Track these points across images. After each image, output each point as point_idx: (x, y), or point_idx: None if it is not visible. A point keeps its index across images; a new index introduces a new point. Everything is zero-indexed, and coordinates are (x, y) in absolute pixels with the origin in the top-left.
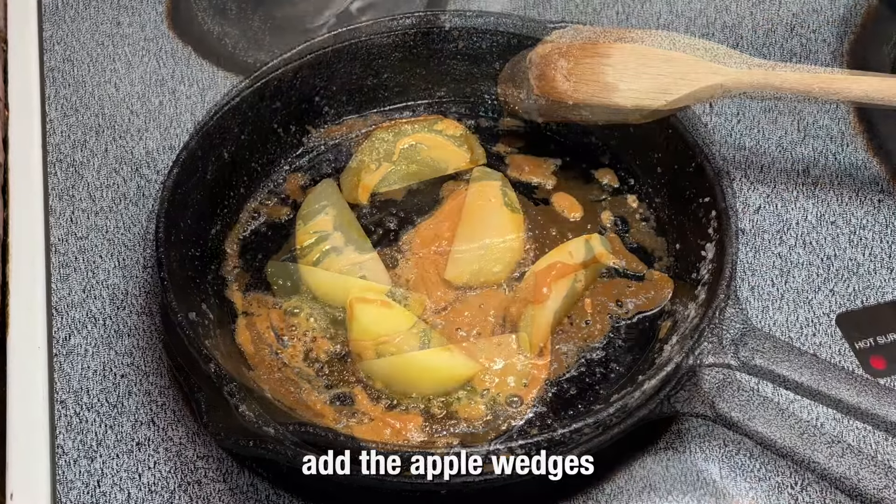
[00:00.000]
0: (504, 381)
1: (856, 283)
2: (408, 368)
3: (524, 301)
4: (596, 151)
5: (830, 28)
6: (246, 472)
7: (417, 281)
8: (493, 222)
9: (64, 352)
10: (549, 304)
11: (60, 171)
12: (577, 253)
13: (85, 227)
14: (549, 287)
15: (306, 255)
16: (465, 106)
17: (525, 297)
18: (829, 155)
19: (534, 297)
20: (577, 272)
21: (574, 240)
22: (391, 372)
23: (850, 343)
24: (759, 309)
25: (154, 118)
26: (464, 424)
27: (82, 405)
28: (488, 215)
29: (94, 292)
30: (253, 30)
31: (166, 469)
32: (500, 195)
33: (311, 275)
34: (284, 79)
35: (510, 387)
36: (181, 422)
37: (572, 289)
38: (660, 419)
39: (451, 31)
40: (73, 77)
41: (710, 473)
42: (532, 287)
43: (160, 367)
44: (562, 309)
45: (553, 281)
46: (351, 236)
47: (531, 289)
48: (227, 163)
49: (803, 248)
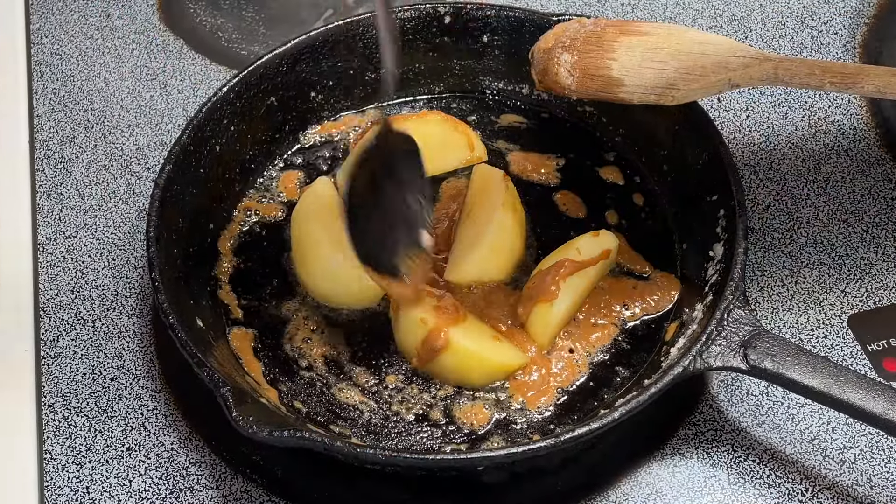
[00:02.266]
0: (508, 383)
1: (868, 283)
2: (467, 359)
3: (531, 300)
4: (600, 148)
5: (842, 19)
6: (240, 478)
7: None
8: (495, 221)
9: (52, 354)
10: (558, 302)
11: (48, 167)
12: (585, 249)
13: (73, 226)
14: (557, 285)
15: (301, 254)
16: (465, 101)
17: (532, 296)
18: (840, 151)
19: (542, 295)
20: (587, 269)
21: (582, 236)
22: (451, 364)
23: (862, 345)
24: (768, 310)
25: (145, 113)
26: (466, 429)
27: (71, 409)
28: (489, 214)
29: (83, 293)
30: (247, 22)
31: (157, 475)
32: (502, 193)
33: (307, 275)
34: (279, 72)
35: (513, 389)
36: (173, 426)
37: (581, 286)
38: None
39: (450, 25)
40: (61, 71)
41: (718, 480)
42: (539, 285)
43: (151, 371)
44: (571, 307)
45: (562, 278)
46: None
47: (538, 287)
48: (219, 159)
49: (814, 247)
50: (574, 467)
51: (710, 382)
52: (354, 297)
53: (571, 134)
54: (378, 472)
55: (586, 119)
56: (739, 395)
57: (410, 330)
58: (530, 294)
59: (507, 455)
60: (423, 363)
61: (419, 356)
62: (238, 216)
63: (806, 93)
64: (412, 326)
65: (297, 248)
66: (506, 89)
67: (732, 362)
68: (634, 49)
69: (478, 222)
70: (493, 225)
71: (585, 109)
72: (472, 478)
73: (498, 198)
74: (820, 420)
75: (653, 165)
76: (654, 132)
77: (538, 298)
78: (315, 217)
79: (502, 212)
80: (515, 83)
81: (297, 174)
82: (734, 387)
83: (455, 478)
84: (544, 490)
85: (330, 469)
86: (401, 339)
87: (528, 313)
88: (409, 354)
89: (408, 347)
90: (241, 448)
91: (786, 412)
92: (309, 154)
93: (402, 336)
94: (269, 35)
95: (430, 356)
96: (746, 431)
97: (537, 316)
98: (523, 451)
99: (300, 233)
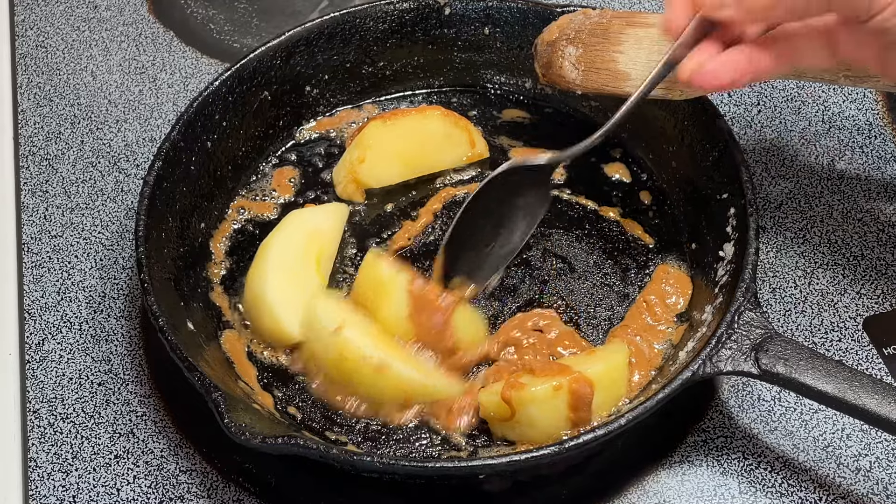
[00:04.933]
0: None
1: (884, 284)
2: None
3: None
4: (606, 144)
5: None
6: (232, 487)
7: None
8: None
9: (37, 358)
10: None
11: (33, 164)
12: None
13: (59, 225)
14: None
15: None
16: (466, 96)
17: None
18: (855, 147)
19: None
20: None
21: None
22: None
23: (878, 349)
24: (780, 312)
25: (133, 108)
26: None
27: (57, 415)
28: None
29: (70, 294)
30: (239, 13)
31: (146, 484)
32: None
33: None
34: (273, 66)
35: None
36: (162, 433)
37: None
38: (674, 430)
39: (451, 16)
40: (46, 64)
41: (729, 488)
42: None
43: (140, 375)
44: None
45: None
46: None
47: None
48: (211, 156)
49: (828, 247)
50: (579, 475)
51: (720, 387)
52: (267, 333)
53: (576, 129)
54: (376, 481)
55: (591, 114)
56: (750, 400)
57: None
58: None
59: (509, 463)
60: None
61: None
62: (230, 215)
63: (820, 87)
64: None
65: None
66: (508, 83)
67: (743, 366)
68: (642, 41)
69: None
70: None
71: (590, 104)
72: (473, 487)
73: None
74: (834, 426)
75: (660, 163)
76: (661, 128)
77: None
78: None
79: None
80: (518, 77)
81: (292, 171)
82: (745, 392)
83: (456, 487)
84: (548, 499)
85: (326, 477)
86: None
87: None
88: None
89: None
90: (234, 456)
91: (798, 418)
92: (304, 150)
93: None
94: (262, 27)
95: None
96: (758, 438)
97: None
98: (526, 458)
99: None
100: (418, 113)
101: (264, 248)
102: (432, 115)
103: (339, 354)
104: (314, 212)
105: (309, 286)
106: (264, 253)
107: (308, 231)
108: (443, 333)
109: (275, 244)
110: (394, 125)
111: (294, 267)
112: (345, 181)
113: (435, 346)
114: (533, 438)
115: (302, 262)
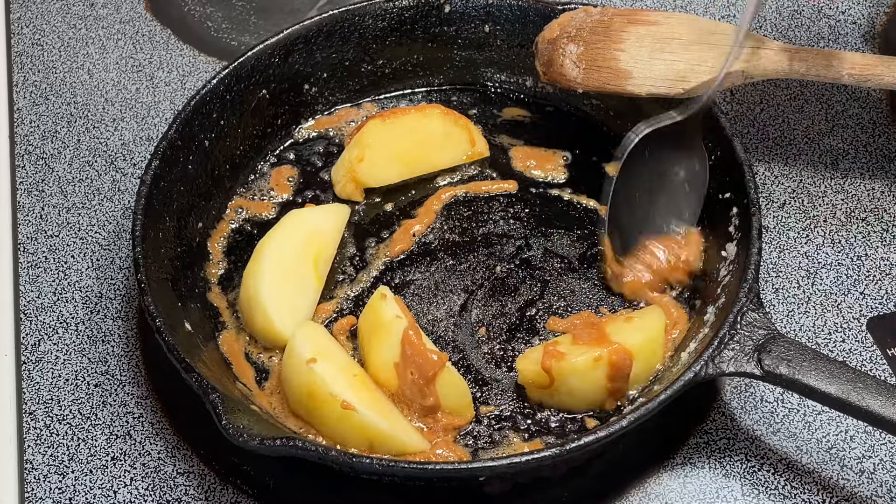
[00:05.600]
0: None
1: (889, 284)
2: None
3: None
4: (608, 143)
5: (861, 8)
6: (230, 489)
7: None
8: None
9: (33, 359)
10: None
11: (29, 163)
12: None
13: (56, 225)
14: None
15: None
16: (466, 94)
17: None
18: (859, 146)
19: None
20: None
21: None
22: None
23: (882, 349)
24: (783, 313)
25: (130, 107)
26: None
27: (53, 417)
28: None
29: (66, 295)
30: (237, 11)
31: (143, 486)
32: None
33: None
34: (271, 64)
35: None
36: (159, 435)
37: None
38: (676, 431)
39: (451, 14)
40: (42, 62)
41: (731, 490)
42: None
43: (137, 376)
44: None
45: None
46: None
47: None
48: (209, 155)
49: (832, 247)
50: (580, 477)
51: (722, 389)
52: (260, 333)
53: (577, 128)
54: (375, 483)
55: (593, 112)
56: (753, 401)
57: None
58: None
59: (509, 465)
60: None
61: None
62: (228, 214)
63: (823, 86)
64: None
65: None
66: (508, 81)
67: (746, 367)
68: (643, 39)
69: None
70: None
71: (592, 102)
72: (473, 489)
73: None
74: (838, 428)
75: None
76: None
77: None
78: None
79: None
80: (518, 75)
81: (290, 170)
82: (748, 393)
83: (456, 489)
84: (549, 501)
85: (325, 479)
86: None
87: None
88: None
89: None
90: (232, 457)
91: (802, 420)
92: (302, 149)
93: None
94: (260, 25)
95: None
96: (760, 440)
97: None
98: (527, 460)
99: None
100: (418, 111)
101: (262, 247)
102: (432, 113)
103: (308, 388)
104: (314, 212)
105: (305, 287)
106: (261, 252)
107: (307, 231)
108: (424, 390)
109: (273, 243)
110: (393, 124)
111: (291, 267)
112: (344, 180)
113: (413, 400)
114: (571, 406)
115: (299, 262)
